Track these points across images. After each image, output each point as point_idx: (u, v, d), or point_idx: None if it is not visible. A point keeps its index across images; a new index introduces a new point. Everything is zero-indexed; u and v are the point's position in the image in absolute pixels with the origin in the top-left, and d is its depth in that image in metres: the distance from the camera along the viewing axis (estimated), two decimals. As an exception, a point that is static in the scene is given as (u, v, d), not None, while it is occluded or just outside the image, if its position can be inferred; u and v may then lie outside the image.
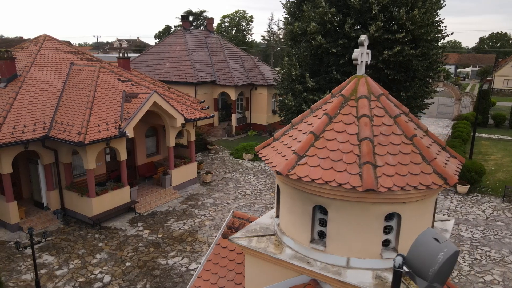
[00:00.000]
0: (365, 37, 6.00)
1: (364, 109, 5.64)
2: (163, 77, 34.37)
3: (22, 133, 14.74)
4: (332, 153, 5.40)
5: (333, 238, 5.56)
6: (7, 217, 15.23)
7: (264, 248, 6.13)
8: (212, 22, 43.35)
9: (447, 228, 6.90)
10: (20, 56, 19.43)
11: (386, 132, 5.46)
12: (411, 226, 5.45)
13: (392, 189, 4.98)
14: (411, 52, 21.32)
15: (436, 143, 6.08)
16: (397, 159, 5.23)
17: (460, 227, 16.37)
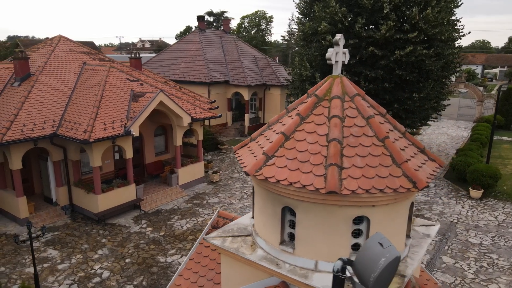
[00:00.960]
0: (340, 37, 5.88)
1: (335, 109, 5.53)
2: (177, 77, 34.78)
3: (32, 130, 15.23)
4: (300, 154, 5.32)
5: (301, 241, 5.48)
6: (17, 212, 15.78)
7: (236, 248, 6.11)
8: (228, 22, 43.55)
9: (429, 233, 6.68)
10: (36, 56, 20.09)
11: (356, 134, 5.34)
12: (381, 230, 5.29)
13: (357, 192, 4.86)
14: (424, 52, 20.76)
15: (413, 145, 5.89)
16: (365, 161, 5.11)
17: (469, 233, 15.82)
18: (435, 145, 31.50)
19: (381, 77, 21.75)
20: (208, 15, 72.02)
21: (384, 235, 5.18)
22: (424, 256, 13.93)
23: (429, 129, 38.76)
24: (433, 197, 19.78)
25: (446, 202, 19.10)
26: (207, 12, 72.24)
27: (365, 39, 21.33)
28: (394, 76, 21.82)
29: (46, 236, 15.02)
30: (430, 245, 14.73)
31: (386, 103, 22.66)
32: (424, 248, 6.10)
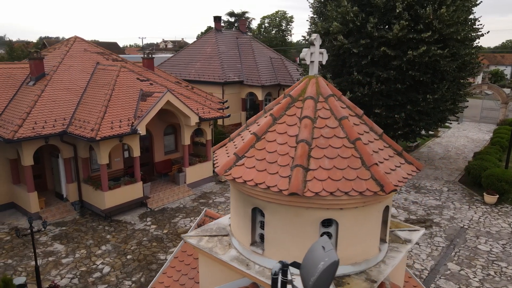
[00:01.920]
0: (316, 36, 5.80)
1: (307, 110, 5.46)
2: (193, 77, 35.17)
3: (42, 128, 15.74)
4: (269, 155, 5.28)
5: (270, 242, 5.44)
6: (28, 206, 16.34)
7: (210, 248, 6.12)
8: (244, 23, 43.68)
9: (412, 238, 6.50)
10: (52, 56, 20.76)
11: (327, 135, 5.25)
12: (350, 234, 5.20)
13: (320, 194, 4.78)
14: (438, 52, 20.19)
15: (390, 147, 5.75)
16: (333, 163, 5.02)
17: (479, 239, 15.27)
18: (453, 148, 30.58)
19: (394, 78, 21.30)
20: (230, 16, 72.23)
21: (350, 237, 5.11)
22: (428, 262, 13.57)
23: (449, 132, 37.66)
24: (445, 201, 19.21)
25: (458, 207, 18.51)
26: (229, 12, 72.43)
27: (377, 39, 20.95)
28: (407, 77, 21.33)
29: (54, 230, 15.49)
30: (436, 251, 14.32)
31: (399, 104, 22.19)
32: (402, 254, 5.94)
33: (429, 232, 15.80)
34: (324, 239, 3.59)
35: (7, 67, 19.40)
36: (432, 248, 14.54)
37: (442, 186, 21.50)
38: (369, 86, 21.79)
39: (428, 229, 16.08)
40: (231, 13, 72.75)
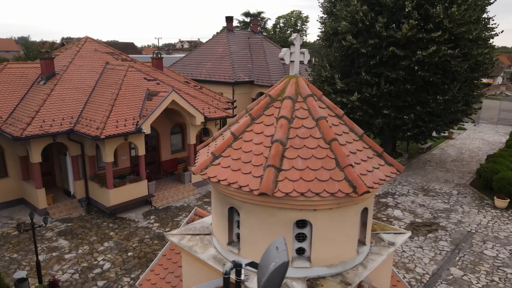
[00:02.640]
0: (296, 36, 5.76)
1: (284, 110, 5.43)
2: (203, 76, 35.39)
3: (50, 126, 16.13)
4: (244, 154, 5.28)
5: (245, 242, 5.43)
6: (36, 202, 16.76)
7: (190, 246, 6.16)
8: (256, 23, 43.64)
9: (396, 241, 6.38)
10: (63, 56, 21.24)
11: (303, 135, 5.22)
12: (324, 236, 5.14)
13: (291, 195, 4.75)
14: (449, 52, 19.74)
15: (370, 148, 5.66)
16: (307, 164, 4.98)
17: (485, 244, 14.86)
18: (467, 151, 29.86)
19: (403, 78, 20.95)
20: (245, 16, 72.25)
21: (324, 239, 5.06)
22: (430, 266, 13.30)
23: (464, 133, 36.81)
24: (454, 205, 18.77)
25: (466, 210, 18.06)
26: (244, 12, 72.40)
27: (386, 38, 20.64)
28: (416, 77, 20.94)
29: (60, 226, 15.85)
30: (439, 255, 14.02)
31: (408, 105, 21.80)
32: (383, 257, 5.85)
33: (434, 236, 15.48)
34: (280, 240, 3.56)
35: (19, 66, 19.95)
36: (436, 252, 14.24)
37: (452, 189, 21.02)
38: (377, 87, 21.49)
39: (433, 233, 15.75)
40: (247, 13, 72.68)
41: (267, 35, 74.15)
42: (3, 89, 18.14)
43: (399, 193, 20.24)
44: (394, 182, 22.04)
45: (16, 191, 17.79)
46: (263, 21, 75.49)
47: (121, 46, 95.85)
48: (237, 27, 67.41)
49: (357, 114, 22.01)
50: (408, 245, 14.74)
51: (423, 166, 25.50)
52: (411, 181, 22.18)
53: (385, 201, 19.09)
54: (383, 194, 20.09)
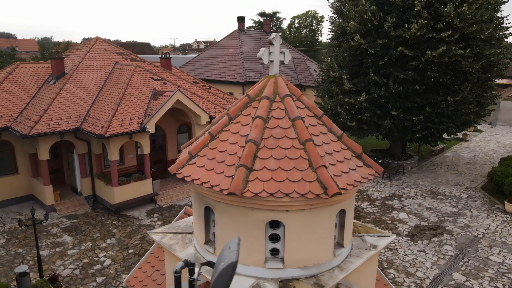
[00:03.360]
0: (275, 36, 5.73)
1: (261, 110, 5.41)
2: (214, 76, 35.57)
3: (58, 124, 16.49)
4: (219, 154, 5.29)
5: (220, 241, 5.44)
6: (44, 199, 17.17)
7: (171, 245, 6.20)
8: (269, 23, 43.63)
9: (378, 244, 6.27)
10: (73, 56, 21.69)
11: (278, 135, 5.19)
12: (297, 237, 5.10)
13: (260, 195, 4.72)
14: (459, 52, 19.29)
15: (349, 149, 5.57)
16: (279, 164, 4.95)
17: (492, 250, 14.45)
18: (482, 153, 29.10)
19: (412, 79, 20.57)
20: (261, 16, 72.16)
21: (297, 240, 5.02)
22: (432, 270, 13.02)
23: (480, 136, 35.89)
24: (462, 208, 18.33)
25: (475, 215, 17.61)
26: (260, 13, 72.30)
27: (395, 38, 20.31)
28: (425, 78, 20.54)
29: (66, 223, 16.19)
30: (442, 260, 13.71)
31: (417, 107, 21.40)
32: (362, 260, 5.76)
33: (439, 240, 15.14)
34: (234, 240, 3.56)
35: (31, 66, 20.48)
36: (439, 256, 13.93)
37: (462, 192, 20.53)
38: (386, 87, 21.17)
39: (438, 237, 15.41)
40: (262, 13, 72.53)
41: (282, 35, 73.97)
42: (14, 88, 18.65)
43: (406, 196, 19.88)
44: (402, 184, 21.67)
45: (26, 187, 18.27)
46: (278, 21, 75.25)
47: (138, 46, 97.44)
48: (252, 27, 67.46)
49: (364, 115, 21.74)
50: (411, 248, 14.47)
51: (434, 168, 24.98)
52: (419, 184, 21.76)
53: (391, 204, 18.79)
54: (389, 196, 19.78)
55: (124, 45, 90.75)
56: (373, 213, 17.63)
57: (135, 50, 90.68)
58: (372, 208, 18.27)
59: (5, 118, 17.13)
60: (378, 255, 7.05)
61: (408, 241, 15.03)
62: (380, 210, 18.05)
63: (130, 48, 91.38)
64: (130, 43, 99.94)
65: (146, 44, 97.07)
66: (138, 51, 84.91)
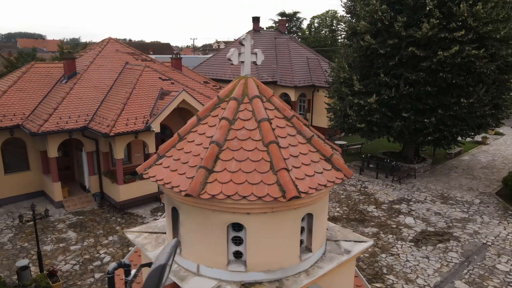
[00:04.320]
0: (245, 36, 5.68)
1: (228, 111, 5.37)
2: (228, 77, 35.69)
3: (66, 123, 16.93)
4: (185, 155, 5.28)
5: (185, 242, 5.43)
6: (53, 195, 17.67)
7: (143, 244, 6.24)
8: (284, 23, 43.46)
9: (352, 250, 6.11)
10: (86, 56, 22.23)
11: (242, 137, 5.13)
12: (260, 240, 5.02)
13: (217, 197, 4.68)
14: (473, 52, 18.64)
15: (318, 152, 5.45)
16: (240, 166, 4.89)
17: (500, 258, 13.89)
18: (501, 157, 28.06)
19: (423, 80, 20.04)
20: (281, 16, 71.94)
21: (259, 244, 4.95)
22: (433, 278, 12.64)
23: (501, 139, 34.65)
24: (473, 214, 17.72)
25: (486, 221, 16.99)
26: (280, 13, 72.05)
27: (406, 38, 19.84)
28: (438, 79, 19.97)
29: (72, 219, 16.59)
30: (446, 267, 13.28)
31: (429, 108, 20.82)
32: (332, 265, 5.62)
33: (444, 246, 14.68)
34: (171, 242, 3.53)
35: (46, 66, 21.11)
36: (443, 263, 13.51)
37: (475, 197, 19.84)
38: (396, 89, 20.71)
39: (443, 243, 14.95)
40: (282, 14, 72.22)
41: (301, 35, 73.53)
42: (28, 87, 19.27)
43: (415, 200, 19.38)
44: (412, 188, 21.13)
45: (37, 183, 18.84)
46: (298, 21, 74.88)
47: (158, 46, 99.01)
48: (271, 27, 67.39)
49: (374, 116, 21.33)
50: (414, 254, 14.09)
51: (448, 172, 24.25)
52: (430, 188, 21.17)
53: (398, 208, 18.36)
54: (397, 200, 19.33)
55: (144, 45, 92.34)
56: (378, 217, 17.27)
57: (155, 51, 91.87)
58: (378, 211, 17.90)
59: (18, 116, 17.72)
60: (355, 260, 6.87)
61: (412, 247, 14.64)
62: (386, 214, 17.66)
63: (151, 48, 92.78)
64: (150, 44, 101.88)
65: (166, 45, 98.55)
66: (159, 51, 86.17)
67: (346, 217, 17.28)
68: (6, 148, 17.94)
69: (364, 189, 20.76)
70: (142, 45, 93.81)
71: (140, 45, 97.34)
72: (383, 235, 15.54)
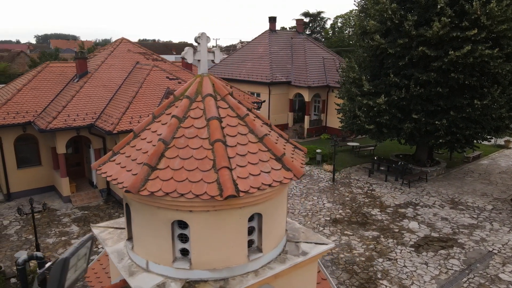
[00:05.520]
0: (201, 35, 5.70)
1: (179, 109, 5.40)
2: (243, 76, 35.84)
3: (74, 120, 17.48)
4: (135, 152, 5.36)
5: (136, 238, 5.51)
6: (61, 190, 18.29)
7: (105, 239, 6.37)
8: (301, 23, 43.13)
9: (309, 252, 6.00)
10: (99, 55, 22.87)
11: (190, 135, 5.16)
12: (204, 238, 5.03)
13: (156, 194, 4.71)
14: (487, 52, 17.90)
15: (269, 151, 5.38)
16: (183, 164, 4.92)
17: (504, 267, 13.26)
18: (522, 162, 26.80)
19: (434, 80, 19.42)
20: (304, 16, 71.34)
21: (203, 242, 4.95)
22: (429, 285, 12.24)
23: (525, 143, 33.04)
24: (483, 221, 17.00)
25: (495, 228, 16.27)
26: (303, 13, 71.45)
27: (416, 38, 19.28)
28: (449, 79, 19.29)
29: (77, 213, 17.11)
30: (444, 274, 12.82)
31: (441, 110, 20.14)
32: (285, 266, 5.55)
33: (446, 253, 14.17)
34: (85, 237, 3.59)
35: (61, 65, 21.87)
36: (442, 270, 13.04)
37: (487, 203, 19.04)
38: (406, 89, 20.16)
39: (446, 249, 14.43)
40: (306, 14, 71.59)
41: (324, 35, 72.71)
42: (42, 85, 20.02)
43: (423, 204, 18.80)
44: (422, 192, 20.51)
45: (48, 178, 19.54)
46: (322, 21, 74.10)
47: (182, 46, 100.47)
48: (294, 27, 67.06)
49: (384, 117, 20.84)
50: (412, 260, 13.68)
51: (463, 176, 23.39)
52: (441, 192, 20.48)
53: (403, 212, 17.87)
54: (404, 204, 18.82)
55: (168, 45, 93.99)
56: (381, 221, 16.87)
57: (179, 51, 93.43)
58: (382, 215, 17.48)
59: (30, 113, 18.44)
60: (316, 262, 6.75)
61: (412, 252, 14.22)
62: (390, 217, 17.23)
63: (174, 48, 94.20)
64: (174, 44, 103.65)
65: (189, 45, 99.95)
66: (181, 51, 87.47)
67: (348, 219, 16.98)
68: (19, 144, 18.71)
69: (371, 192, 20.33)
70: (166, 45, 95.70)
71: (164, 46, 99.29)
72: (383, 239, 15.16)
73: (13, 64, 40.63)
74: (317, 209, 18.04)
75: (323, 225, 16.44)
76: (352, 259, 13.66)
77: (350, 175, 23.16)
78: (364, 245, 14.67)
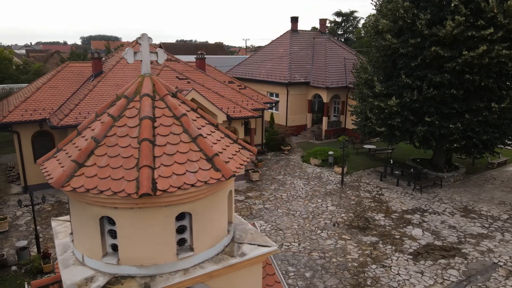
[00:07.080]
0: (142, 36, 5.81)
1: (115, 108, 5.54)
2: (262, 77, 35.88)
3: (84, 118, 18.21)
4: (73, 149, 5.54)
5: (74, 233, 5.70)
6: (72, 184, 19.12)
7: (58, 232, 6.62)
8: (324, 23, 42.54)
9: (249, 253, 5.94)
10: (116, 55, 23.69)
11: (121, 134, 5.28)
12: (129, 235, 5.12)
13: (78, 190, 4.85)
14: (504, 52, 16.93)
15: (201, 151, 5.40)
16: (109, 162, 5.04)
17: (507, 280, 12.44)
18: (552, 170, 25.07)
19: (448, 82, 18.59)
20: (337, 16, 70.37)
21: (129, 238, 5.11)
22: (420, 294, 11.75)
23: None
24: (494, 231, 16.10)
25: (507, 239, 15.35)
26: (336, 12, 70.41)
27: (429, 37, 18.54)
28: (465, 81, 18.40)
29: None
30: (439, 285, 12.26)
31: (456, 113, 19.23)
32: (217, 267, 5.56)
33: (446, 263, 13.54)
34: None
35: (79, 65, 22.87)
36: (437, 280, 12.48)
37: (503, 213, 18.00)
38: (419, 91, 19.43)
39: (447, 259, 13.79)
40: (339, 13, 70.46)
41: (356, 35, 71.23)
42: (60, 84, 21.03)
43: (432, 211, 18.05)
44: (434, 198, 19.69)
45: (62, 173, 20.45)
46: (355, 20, 72.67)
47: (212, 47, 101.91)
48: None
49: (395, 120, 20.19)
50: (408, 268, 13.19)
51: (483, 183, 22.22)
52: (455, 199, 19.57)
53: (409, 218, 17.24)
54: (411, 210, 18.15)
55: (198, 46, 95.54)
56: (383, 226, 16.38)
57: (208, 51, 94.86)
58: (386, 220, 16.96)
59: (46, 111, 19.42)
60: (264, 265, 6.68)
61: (409, 260, 13.70)
62: (394, 223, 16.68)
63: (204, 48, 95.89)
64: (204, 44, 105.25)
65: (219, 45, 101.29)
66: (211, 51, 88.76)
67: (349, 223, 16.60)
68: (36, 139, 19.73)
69: (379, 196, 19.76)
70: (195, 46, 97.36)
71: (194, 46, 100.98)
72: (381, 245, 14.71)
73: (47, 64, 43.04)
74: (319, 212, 17.77)
75: (322, 228, 16.17)
76: (344, 264, 13.36)
77: (361, 178, 22.62)
78: (360, 250, 14.30)
